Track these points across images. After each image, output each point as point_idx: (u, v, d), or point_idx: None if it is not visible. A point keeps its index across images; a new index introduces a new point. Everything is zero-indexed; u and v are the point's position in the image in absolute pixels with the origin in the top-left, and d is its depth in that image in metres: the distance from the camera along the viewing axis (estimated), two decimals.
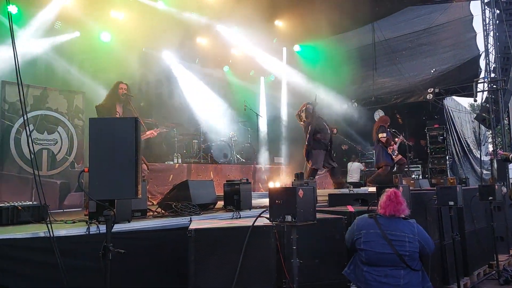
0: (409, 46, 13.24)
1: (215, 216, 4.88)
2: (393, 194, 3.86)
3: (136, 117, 3.13)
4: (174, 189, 5.87)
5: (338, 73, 14.05)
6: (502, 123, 11.03)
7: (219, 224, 3.92)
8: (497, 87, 10.71)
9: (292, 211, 3.19)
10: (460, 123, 14.35)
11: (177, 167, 8.61)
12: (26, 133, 6.77)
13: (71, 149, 8.04)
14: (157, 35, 10.31)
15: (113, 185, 2.93)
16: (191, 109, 11.88)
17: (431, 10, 12.57)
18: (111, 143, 2.97)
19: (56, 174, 7.78)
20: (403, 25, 13.10)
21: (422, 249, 3.72)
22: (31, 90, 7.61)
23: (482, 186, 6.20)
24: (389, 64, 13.40)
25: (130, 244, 3.72)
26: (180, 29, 10.57)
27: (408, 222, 3.82)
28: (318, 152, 8.42)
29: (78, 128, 8.16)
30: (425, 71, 13.39)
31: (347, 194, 6.36)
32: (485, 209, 6.61)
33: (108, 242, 2.97)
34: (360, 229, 3.85)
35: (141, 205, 4.67)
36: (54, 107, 7.91)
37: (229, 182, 5.61)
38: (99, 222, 3.77)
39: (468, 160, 14.03)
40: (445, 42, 12.80)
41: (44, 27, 8.63)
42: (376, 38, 13.10)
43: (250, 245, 3.48)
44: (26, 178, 7.28)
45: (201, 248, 3.46)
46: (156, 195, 7.78)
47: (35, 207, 4.44)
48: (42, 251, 3.36)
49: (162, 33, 10.26)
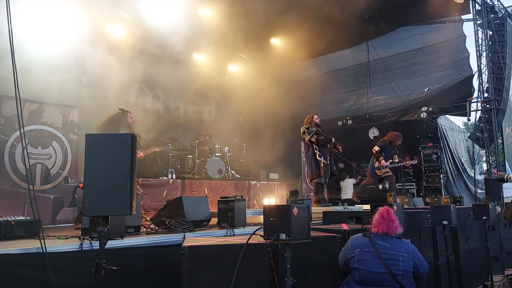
0: (403, 65, 13.39)
1: (209, 233, 4.86)
2: (386, 212, 3.88)
3: (132, 133, 3.14)
4: (168, 205, 5.85)
5: (333, 90, 14.22)
6: (495, 142, 11.12)
7: (213, 242, 3.91)
8: (490, 107, 10.83)
9: (287, 229, 3.19)
10: (454, 142, 14.45)
11: (171, 183, 8.58)
12: (22, 147, 6.75)
13: (65, 164, 8.01)
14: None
15: (108, 201, 2.92)
16: (186, 123, 11.94)
17: (424, 30, 12.75)
18: (106, 158, 2.97)
19: (50, 188, 7.73)
20: (397, 45, 13.28)
21: (416, 269, 3.72)
22: (27, 104, 7.61)
23: (476, 206, 6.21)
24: (383, 82, 13.53)
25: (123, 261, 3.69)
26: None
27: (402, 241, 3.83)
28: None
29: (72, 142, 8.14)
30: (419, 90, 13.52)
31: (341, 212, 6.36)
32: (479, 229, 6.62)
33: (101, 259, 2.95)
34: (354, 247, 3.85)
35: (135, 221, 4.65)
36: (49, 121, 7.91)
37: (224, 198, 5.60)
38: (92, 238, 3.75)
39: (462, 179, 14.08)
40: (438, 62, 12.95)
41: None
42: (370, 57, 13.26)
43: (244, 263, 3.46)
44: (19, 192, 7.23)
45: (195, 266, 3.44)
46: (149, 211, 7.73)
47: (28, 222, 4.40)
48: (34, 266, 3.32)
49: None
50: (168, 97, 12.60)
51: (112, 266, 2.97)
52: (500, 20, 11.36)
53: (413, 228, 5.19)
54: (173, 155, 10.40)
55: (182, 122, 12.37)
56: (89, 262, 3.05)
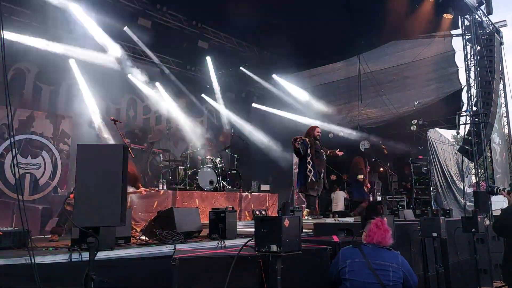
0: (394, 78, 13.55)
1: (200, 245, 4.84)
2: (380, 222, 3.91)
3: (124, 144, 3.14)
4: (158, 216, 5.81)
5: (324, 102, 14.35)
6: (484, 156, 11.24)
7: (204, 253, 3.89)
8: (479, 120, 10.97)
9: (278, 240, 3.19)
10: (444, 155, 14.57)
11: (162, 194, 8.53)
12: (12, 157, 6.70)
13: (55, 174, 7.96)
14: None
15: (98, 211, 2.90)
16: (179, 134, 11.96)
17: (414, 45, 12.96)
18: (98, 169, 2.96)
19: (38, 199, 7.67)
20: (388, 58, 13.47)
21: (406, 281, 3.74)
22: (18, 113, 7.58)
23: (465, 218, 6.26)
24: (374, 95, 13.66)
25: (113, 272, 3.65)
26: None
27: (392, 252, 3.85)
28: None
29: (63, 152, 8.10)
30: (409, 103, 13.66)
31: (332, 224, 6.37)
32: (468, 241, 6.66)
33: (91, 271, 2.92)
34: (345, 258, 3.86)
35: (125, 232, 4.61)
36: (39, 131, 7.86)
37: (215, 210, 5.59)
38: (82, 249, 3.71)
39: (452, 192, 14.18)
40: (428, 76, 13.13)
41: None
42: (361, 70, 13.41)
43: (234, 274, 3.45)
44: (7, 202, 7.16)
45: (185, 277, 3.43)
46: (140, 222, 7.66)
47: (17, 232, 4.35)
48: (23, 278, 3.28)
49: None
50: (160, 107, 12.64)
51: (102, 277, 2.94)
52: (488, 36, 11.59)
53: (403, 240, 5.21)
54: (164, 166, 10.36)
55: (173, 132, 12.35)
56: (78, 273, 3.01)
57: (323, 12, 9.85)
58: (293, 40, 11.42)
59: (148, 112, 12.82)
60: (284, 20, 10.72)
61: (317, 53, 12.73)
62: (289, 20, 10.74)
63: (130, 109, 12.38)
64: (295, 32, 11.25)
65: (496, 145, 12.97)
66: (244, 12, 9.54)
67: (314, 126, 8.98)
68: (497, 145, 13.12)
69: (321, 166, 8.45)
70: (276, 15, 10.53)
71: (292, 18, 10.69)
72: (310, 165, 8.31)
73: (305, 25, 10.95)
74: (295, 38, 11.47)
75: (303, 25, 10.96)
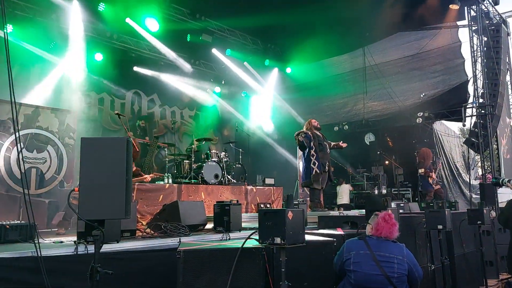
0: (399, 71, 13.44)
1: (204, 237, 4.86)
2: (388, 216, 3.90)
3: (127, 137, 3.15)
4: (164, 209, 5.86)
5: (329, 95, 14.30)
6: (490, 148, 11.15)
7: (208, 246, 3.91)
8: (485, 112, 10.87)
9: (281, 233, 3.20)
10: (449, 147, 14.49)
11: (167, 187, 8.54)
12: (17, 151, 6.73)
13: (60, 168, 7.99)
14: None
15: (103, 205, 2.92)
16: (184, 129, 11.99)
17: (420, 36, 12.83)
18: (102, 162, 2.97)
19: (45, 193, 7.71)
20: (393, 50, 13.34)
21: (411, 272, 3.73)
22: (23, 108, 7.61)
23: (471, 210, 6.23)
24: (379, 88, 13.57)
25: (118, 264, 3.68)
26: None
27: (397, 244, 3.85)
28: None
29: (68, 147, 8.12)
30: (414, 96, 13.56)
31: (337, 217, 6.37)
32: (474, 233, 6.63)
33: (96, 263, 2.94)
34: (350, 250, 3.87)
35: (130, 225, 4.65)
36: (45, 125, 7.89)
37: (219, 203, 5.61)
38: (87, 242, 3.74)
39: (458, 184, 14.12)
40: (434, 68, 13.01)
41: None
42: (367, 63, 13.32)
43: (239, 267, 3.46)
44: (14, 196, 7.20)
45: (190, 270, 3.44)
46: (145, 215, 7.69)
47: (23, 226, 4.40)
48: (29, 270, 3.32)
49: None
50: (164, 102, 12.66)
51: (107, 270, 2.96)
52: (495, 26, 11.44)
53: (408, 232, 5.20)
54: (169, 160, 10.39)
55: (178, 127, 12.38)
56: (84, 266, 3.04)
57: (327, 5, 9.79)
58: (298, 34, 11.38)
59: (153, 106, 12.86)
60: (290, 15, 10.65)
61: (322, 46, 12.66)
62: (295, 15, 10.67)
63: (135, 102, 12.44)
64: (300, 25, 11.21)
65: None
66: (249, 6, 9.53)
67: (310, 119, 8.94)
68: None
69: (325, 158, 8.42)
70: (282, 10, 10.47)
71: (298, 13, 10.63)
72: (314, 157, 8.31)
73: (310, 18, 10.89)
74: (300, 31, 11.42)
75: (308, 19, 10.89)
